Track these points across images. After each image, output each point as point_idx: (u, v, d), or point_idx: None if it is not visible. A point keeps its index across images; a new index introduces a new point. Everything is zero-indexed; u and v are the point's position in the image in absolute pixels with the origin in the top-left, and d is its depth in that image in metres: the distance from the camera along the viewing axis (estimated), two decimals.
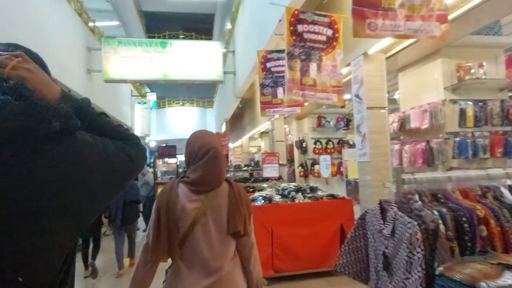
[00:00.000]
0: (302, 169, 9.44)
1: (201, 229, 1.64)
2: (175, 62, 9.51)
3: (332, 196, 4.90)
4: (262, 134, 15.88)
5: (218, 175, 1.70)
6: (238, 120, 16.74)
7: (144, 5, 23.01)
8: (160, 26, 21.27)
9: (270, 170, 6.44)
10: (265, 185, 6.48)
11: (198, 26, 21.71)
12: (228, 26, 14.07)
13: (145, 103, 16.08)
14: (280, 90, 5.24)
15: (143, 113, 15.86)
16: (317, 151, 9.21)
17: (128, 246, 5.92)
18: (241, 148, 18.16)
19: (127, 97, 15.33)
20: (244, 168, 8.86)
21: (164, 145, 10.62)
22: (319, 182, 9.12)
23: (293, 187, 5.01)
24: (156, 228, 1.63)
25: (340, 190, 9.14)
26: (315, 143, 9.23)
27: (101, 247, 5.66)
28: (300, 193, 4.83)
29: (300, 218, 4.51)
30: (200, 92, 26.06)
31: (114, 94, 13.23)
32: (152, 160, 10.17)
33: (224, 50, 10.22)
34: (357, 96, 4.29)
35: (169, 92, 25.91)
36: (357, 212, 4.69)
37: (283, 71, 5.06)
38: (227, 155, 21.30)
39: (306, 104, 7.10)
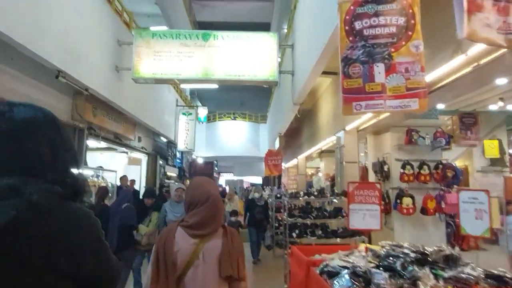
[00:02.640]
0: (383, 202, 6.81)
1: (196, 271, 1.79)
2: (219, 58, 7.57)
3: (498, 280, 2.36)
4: (322, 153, 13.45)
5: (215, 221, 1.87)
6: (295, 135, 14.50)
7: (198, 14, 22.17)
8: None
9: (363, 217, 3.96)
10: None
11: None
12: (285, 30, 12.14)
13: (190, 114, 14.47)
14: (380, 69, 2.98)
15: (187, 126, 14.22)
16: (406, 177, 6.59)
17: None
18: (296, 169, 15.82)
19: (170, 106, 13.83)
20: (303, 197, 6.49)
21: (194, 157, 8.67)
22: (408, 221, 6.59)
23: (408, 251, 2.58)
24: (155, 269, 1.81)
25: (436, 235, 6.71)
26: (403, 167, 6.62)
27: None
28: (426, 268, 2.40)
29: None
30: (253, 107, 24.60)
31: (154, 101, 11.70)
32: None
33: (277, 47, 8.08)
34: None
35: (221, 106, 24.74)
36: None
37: (386, 35, 2.94)
38: (279, 177, 19.09)
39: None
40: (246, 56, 7.63)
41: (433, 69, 3.72)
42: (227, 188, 23.46)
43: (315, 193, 6.38)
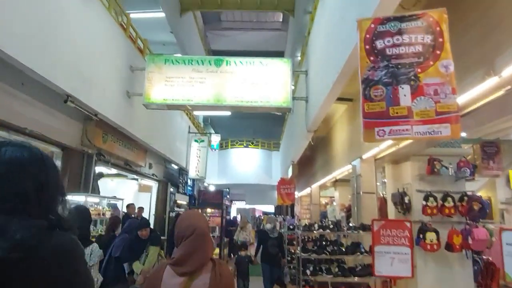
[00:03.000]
0: None
1: None
2: (232, 84, 7.43)
3: None
4: (337, 182, 12.99)
5: (202, 256, 1.75)
6: (308, 163, 14.14)
7: (213, 43, 22.61)
8: None
9: (392, 262, 3.54)
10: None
11: None
12: (298, 57, 12.11)
13: (202, 141, 14.32)
14: (405, 91, 2.70)
15: (199, 153, 14.04)
16: (429, 210, 6.11)
17: None
18: (309, 198, 15.33)
19: (183, 133, 13.74)
20: (317, 230, 6.07)
21: (206, 185, 8.35)
22: (431, 258, 6.08)
23: None
24: None
25: (463, 273, 6.20)
26: (425, 199, 6.16)
27: None
28: None
29: None
30: (266, 134, 24.49)
31: (165, 127, 11.63)
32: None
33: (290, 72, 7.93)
34: None
35: (234, 133, 24.70)
36: None
37: (412, 54, 2.72)
38: (292, 206, 18.56)
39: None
40: (259, 82, 7.48)
41: (460, 93, 3.43)
42: (238, 217, 22.99)
43: (331, 226, 5.96)
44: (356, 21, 2.97)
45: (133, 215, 8.27)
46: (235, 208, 28.91)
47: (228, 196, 24.43)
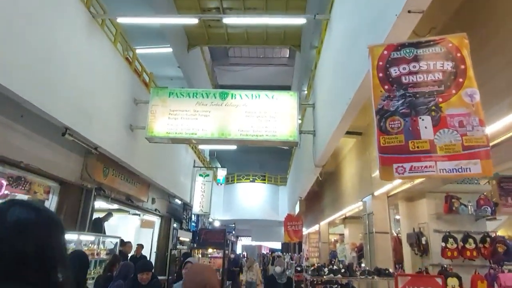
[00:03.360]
0: None
1: None
2: (237, 117, 7.23)
3: None
4: (346, 219, 12.44)
5: None
6: (316, 199, 13.67)
7: (220, 78, 22.90)
8: None
9: None
10: None
11: None
12: (305, 91, 12.03)
13: (207, 175, 14.00)
14: (426, 123, 2.42)
15: (204, 187, 13.68)
16: (449, 253, 5.64)
17: None
18: (318, 236, 14.67)
19: (187, 167, 13.46)
20: (328, 274, 5.56)
21: (211, 220, 7.93)
22: None
23: None
24: None
25: None
26: (445, 240, 5.71)
27: None
28: None
29: None
30: (273, 169, 24.17)
31: (169, 161, 11.39)
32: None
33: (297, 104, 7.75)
34: None
35: (240, 168, 24.44)
36: None
37: (431, 82, 2.48)
38: (300, 244, 17.80)
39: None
40: (265, 115, 7.27)
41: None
42: (244, 254, 22.13)
43: (342, 270, 5.47)
44: (367, 47, 2.75)
45: (130, 254, 7.83)
46: (241, 245, 28.01)
47: (233, 232, 23.72)
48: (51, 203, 6.33)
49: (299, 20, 7.92)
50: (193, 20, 7.15)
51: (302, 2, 11.58)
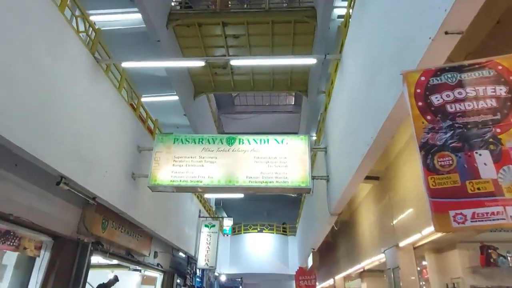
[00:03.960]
0: None
1: None
2: (245, 163, 6.82)
3: None
4: (364, 273, 11.46)
5: None
6: (329, 250, 12.76)
7: (226, 126, 22.87)
8: None
9: None
10: None
11: None
12: (314, 137, 11.71)
13: (213, 226, 13.28)
14: (484, 158, 1.95)
15: (209, 239, 12.91)
16: None
17: None
18: None
19: (192, 218, 12.80)
20: None
21: (217, 274, 7.23)
22: None
23: None
24: None
25: None
26: None
27: None
28: None
29: None
30: (281, 218, 23.25)
31: (174, 212, 10.80)
32: None
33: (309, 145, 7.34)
34: None
35: (247, 217, 23.59)
36: None
37: (484, 110, 2.05)
38: None
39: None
40: (275, 161, 6.86)
41: None
42: None
43: None
44: (400, 74, 2.38)
45: None
46: None
47: (241, 287, 22.25)
48: (42, 260, 5.75)
49: (309, 60, 7.78)
50: (199, 63, 6.99)
51: (308, 47, 11.62)
